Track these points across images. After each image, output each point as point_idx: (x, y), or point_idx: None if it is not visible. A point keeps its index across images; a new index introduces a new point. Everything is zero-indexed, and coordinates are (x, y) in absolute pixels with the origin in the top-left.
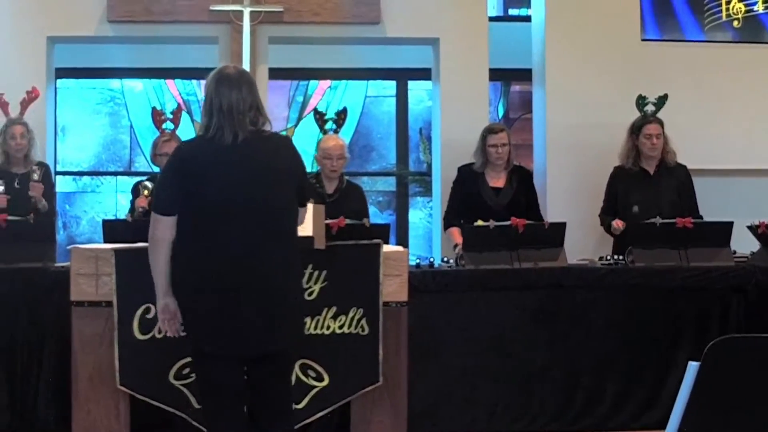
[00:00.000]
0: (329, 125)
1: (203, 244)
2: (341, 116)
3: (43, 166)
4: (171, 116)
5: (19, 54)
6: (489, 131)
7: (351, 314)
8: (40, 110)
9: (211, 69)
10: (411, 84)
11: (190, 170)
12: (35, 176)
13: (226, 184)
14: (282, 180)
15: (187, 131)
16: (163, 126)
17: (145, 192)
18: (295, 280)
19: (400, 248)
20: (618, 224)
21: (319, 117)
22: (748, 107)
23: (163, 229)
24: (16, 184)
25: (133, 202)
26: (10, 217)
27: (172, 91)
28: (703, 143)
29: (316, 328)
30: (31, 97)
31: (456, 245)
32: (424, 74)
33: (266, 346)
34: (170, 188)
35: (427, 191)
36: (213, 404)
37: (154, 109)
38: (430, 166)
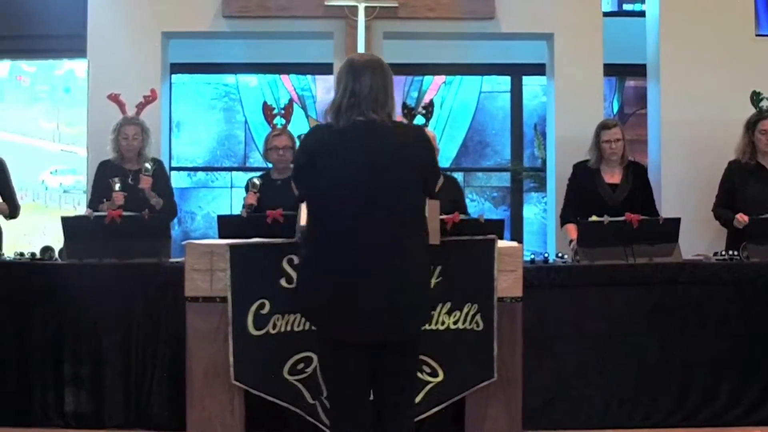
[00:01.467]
0: (418, 119)
1: (324, 229)
2: (429, 109)
3: (156, 162)
4: (282, 111)
5: (135, 50)
6: (602, 127)
7: (465, 310)
8: (155, 106)
9: (326, 64)
10: (525, 79)
11: (312, 155)
12: (148, 169)
13: (341, 170)
14: (403, 167)
15: (299, 126)
16: (274, 121)
17: (254, 189)
18: (419, 265)
19: (514, 244)
20: (743, 218)
21: (407, 111)
22: None
23: None
24: (129, 180)
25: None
26: (125, 213)
27: (287, 86)
28: None
29: (430, 324)
30: (149, 99)
31: (571, 241)
32: (538, 69)
33: (389, 335)
34: (297, 175)
35: (541, 187)
36: (338, 392)
37: (264, 104)
38: (544, 161)
